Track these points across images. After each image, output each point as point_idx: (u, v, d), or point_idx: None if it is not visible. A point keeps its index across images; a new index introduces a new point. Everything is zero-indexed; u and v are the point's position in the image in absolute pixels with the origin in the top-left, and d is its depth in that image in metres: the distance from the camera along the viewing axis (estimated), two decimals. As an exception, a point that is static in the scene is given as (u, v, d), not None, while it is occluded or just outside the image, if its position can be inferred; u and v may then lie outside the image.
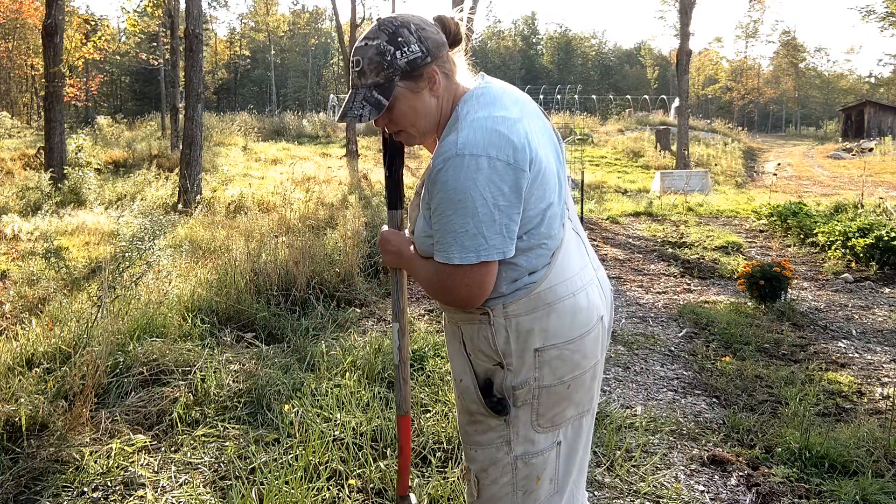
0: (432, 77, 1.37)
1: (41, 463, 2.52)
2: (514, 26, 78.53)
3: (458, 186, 1.24)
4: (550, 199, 1.34)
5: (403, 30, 1.35)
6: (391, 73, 1.35)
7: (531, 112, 1.40)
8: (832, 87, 63.61)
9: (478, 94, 1.37)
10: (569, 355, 1.38)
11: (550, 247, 1.35)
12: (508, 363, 1.36)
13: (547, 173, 1.33)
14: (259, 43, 58.88)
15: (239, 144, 21.77)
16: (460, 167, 1.24)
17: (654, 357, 4.17)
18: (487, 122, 1.28)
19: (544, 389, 1.37)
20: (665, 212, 11.13)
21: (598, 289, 1.48)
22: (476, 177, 1.23)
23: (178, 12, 18.78)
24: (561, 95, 39.84)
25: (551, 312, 1.35)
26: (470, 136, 1.26)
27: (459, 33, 1.44)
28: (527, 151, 1.27)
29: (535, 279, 1.34)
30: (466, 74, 1.47)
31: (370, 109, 1.36)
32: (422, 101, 1.39)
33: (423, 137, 1.46)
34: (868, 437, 2.88)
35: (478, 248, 1.26)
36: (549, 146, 1.39)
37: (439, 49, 1.38)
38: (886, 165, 21.55)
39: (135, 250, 4.66)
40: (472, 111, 1.33)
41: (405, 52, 1.34)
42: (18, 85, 41.71)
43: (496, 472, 1.43)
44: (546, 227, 1.33)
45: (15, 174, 12.79)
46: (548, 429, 1.41)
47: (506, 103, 1.35)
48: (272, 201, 9.91)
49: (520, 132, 1.28)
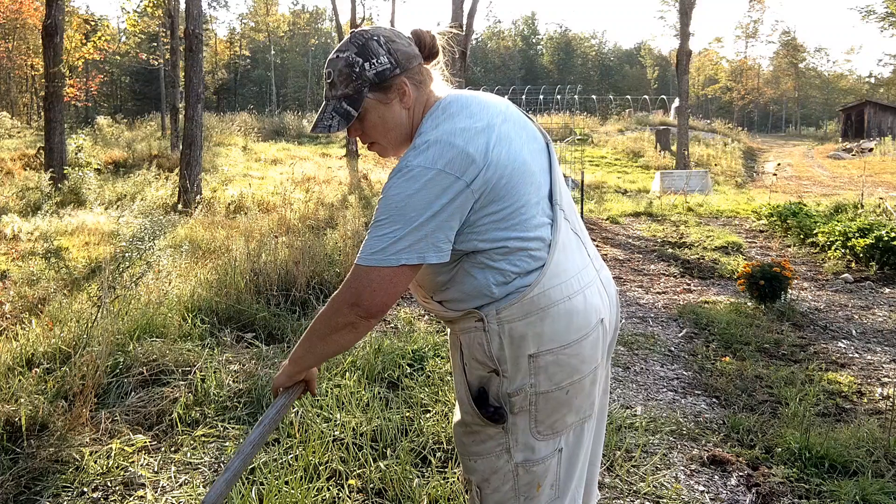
0: (401, 88, 1.39)
1: (41, 463, 2.52)
2: (514, 26, 78.51)
3: (398, 194, 1.26)
4: (524, 200, 1.32)
5: (373, 42, 1.37)
6: (360, 85, 1.37)
7: (507, 116, 1.40)
8: (832, 88, 63.59)
9: (444, 105, 1.38)
10: (565, 360, 1.35)
11: (536, 248, 1.34)
12: (504, 370, 1.35)
13: (519, 175, 1.32)
14: (259, 43, 58.87)
15: (239, 145, 21.77)
16: (406, 178, 1.26)
17: (654, 357, 4.17)
18: (445, 135, 1.29)
19: (541, 396, 1.35)
20: (665, 212, 11.13)
21: (600, 290, 1.45)
22: (417, 187, 1.25)
23: (178, 12, 18.79)
24: (561, 95, 39.81)
25: (545, 317, 1.33)
26: (422, 150, 1.28)
27: (436, 47, 1.46)
28: (482, 162, 1.28)
29: (527, 282, 1.33)
30: (443, 87, 1.48)
31: (339, 120, 1.39)
32: (391, 112, 1.40)
33: (395, 149, 1.47)
34: (868, 438, 2.88)
35: (398, 252, 1.25)
36: (528, 148, 1.39)
37: (409, 61, 1.39)
38: (886, 165, 21.55)
39: (135, 250, 4.66)
40: (432, 124, 1.34)
41: (374, 63, 1.36)
42: (18, 85, 41.70)
43: (498, 481, 1.41)
44: (523, 229, 1.32)
45: (15, 174, 12.79)
46: (548, 436, 1.38)
47: (472, 111, 1.35)
48: (272, 201, 9.91)
49: (478, 142, 1.29)
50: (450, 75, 1.53)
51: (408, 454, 2.61)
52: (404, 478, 2.46)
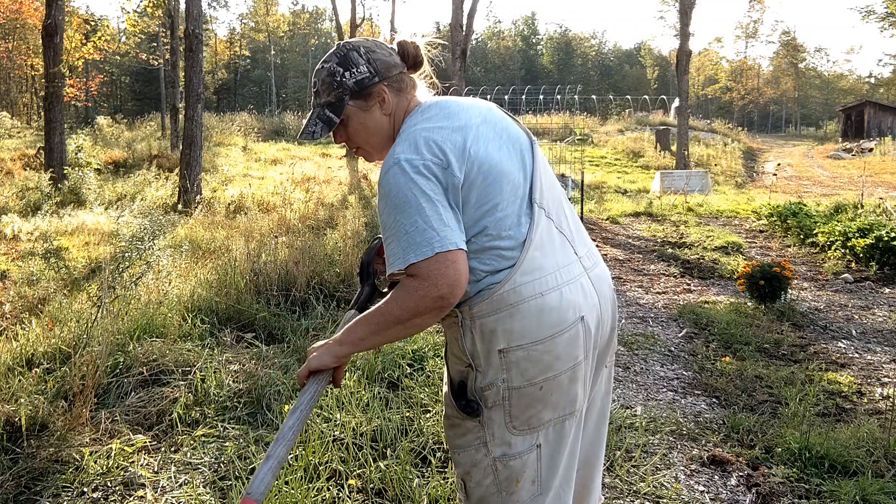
0: (381, 95, 1.46)
1: (41, 463, 2.52)
2: (514, 26, 78.51)
3: (400, 189, 1.30)
4: (497, 200, 1.35)
5: (353, 53, 1.47)
6: (341, 93, 1.46)
7: (485, 118, 1.45)
8: (832, 88, 63.57)
9: (423, 108, 1.45)
10: (537, 356, 1.35)
11: (505, 247, 1.35)
12: (476, 364, 1.38)
13: (493, 176, 1.36)
14: (259, 43, 58.87)
15: (239, 145, 21.77)
16: (399, 173, 1.31)
17: (654, 357, 4.17)
18: (423, 132, 1.36)
19: (514, 391, 1.37)
20: (665, 212, 11.13)
21: (585, 288, 1.44)
22: (415, 178, 1.29)
23: (178, 12, 18.79)
24: (561, 96, 39.80)
25: (515, 313, 1.34)
26: (406, 146, 1.34)
27: (419, 56, 1.53)
28: (460, 157, 1.33)
29: (497, 279, 1.34)
30: (426, 94, 1.56)
31: (322, 126, 1.48)
32: (372, 118, 1.48)
33: (379, 154, 1.54)
34: (868, 438, 2.88)
35: (430, 241, 1.27)
36: (505, 149, 1.42)
37: (389, 70, 1.47)
38: (886, 165, 21.55)
39: (135, 250, 4.66)
40: (412, 123, 1.40)
41: (353, 72, 1.45)
42: (18, 85, 41.71)
43: (479, 475, 1.44)
44: (495, 229, 1.34)
45: (15, 174, 12.78)
46: (524, 431, 1.39)
47: (451, 112, 1.42)
48: (272, 201, 9.91)
49: (455, 140, 1.35)
50: (438, 82, 1.61)
51: (408, 454, 2.62)
52: (404, 478, 2.46)
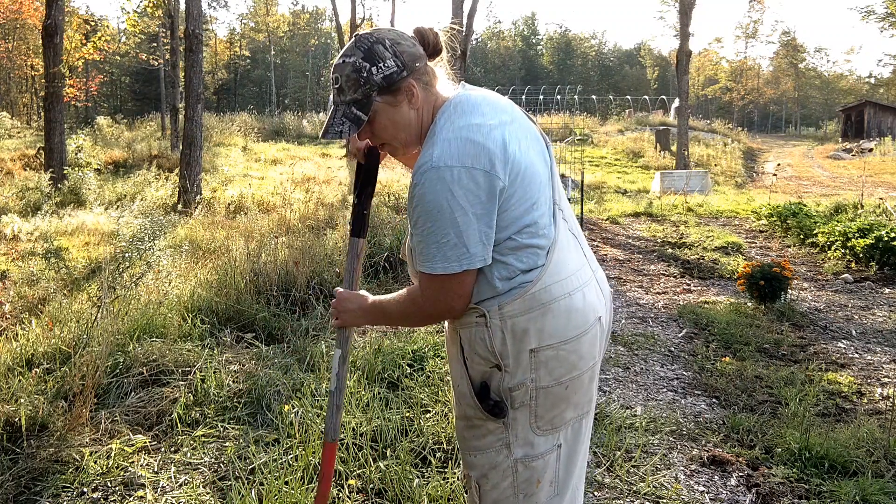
0: (410, 90, 1.40)
1: (41, 463, 2.52)
2: (514, 26, 78.46)
3: (436, 198, 1.27)
4: (534, 199, 1.35)
5: (378, 46, 1.38)
6: (368, 90, 1.39)
7: (513, 117, 1.42)
8: (832, 88, 63.51)
9: (455, 104, 1.39)
10: (565, 356, 1.38)
11: (541, 246, 1.36)
12: (505, 364, 1.37)
13: (530, 174, 1.35)
14: (259, 43, 58.81)
15: (239, 145, 21.77)
16: (436, 179, 1.27)
17: (653, 357, 4.17)
18: (462, 131, 1.31)
19: (542, 391, 1.37)
20: (665, 212, 11.13)
21: (596, 290, 1.47)
22: (452, 188, 1.27)
23: (178, 12, 18.77)
24: (561, 96, 39.79)
25: (546, 312, 1.35)
26: (445, 148, 1.29)
27: (439, 44, 1.47)
28: (503, 156, 1.30)
29: (530, 278, 1.35)
30: (447, 84, 1.50)
31: (350, 125, 1.41)
32: (401, 114, 1.42)
33: (406, 149, 1.50)
34: (868, 438, 2.88)
35: (460, 258, 1.29)
36: (533, 149, 1.42)
37: (415, 62, 1.41)
38: (886, 166, 21.54)
39: (135, 250, 4.66)
40: (447, 122, 1.35)
41: (381, 67, 1.37)
42: (18, 85, 41.70)
43: (497, 477, 1.43)
44: (535, 227, 1.35)
45: (15, 174, 12.78)
46: (547, 431, 1.40)
47: (484, 111, 1.37)
48: (272, 202, 9.90)
49: (496, 138, 1.31)
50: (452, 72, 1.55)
51: (408, 454, 2.62)
52: (404, 478, 2.46)
